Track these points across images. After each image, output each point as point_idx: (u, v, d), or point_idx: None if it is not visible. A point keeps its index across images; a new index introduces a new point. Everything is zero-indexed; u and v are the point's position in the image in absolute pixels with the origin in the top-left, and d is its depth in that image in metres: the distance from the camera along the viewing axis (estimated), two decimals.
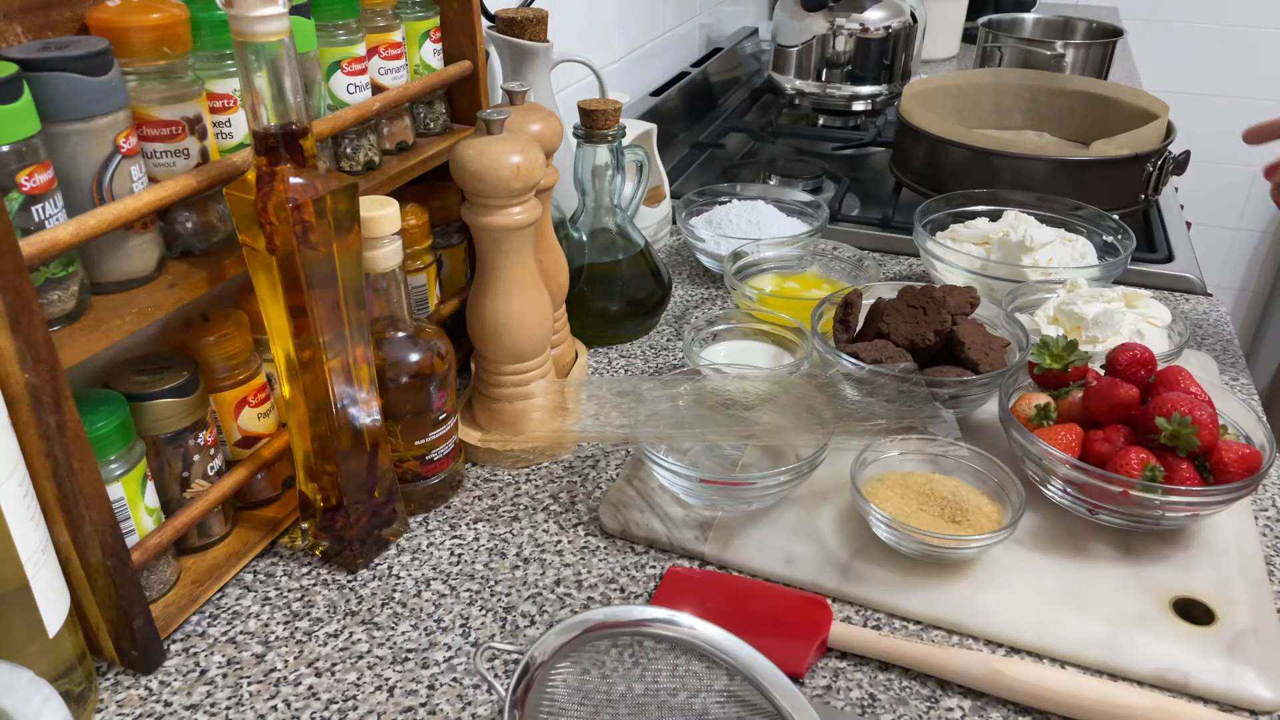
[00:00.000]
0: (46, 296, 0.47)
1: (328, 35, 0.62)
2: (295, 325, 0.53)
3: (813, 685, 0.53)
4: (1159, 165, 1.02)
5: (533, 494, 0.69)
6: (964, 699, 0.52)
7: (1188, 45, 2.26)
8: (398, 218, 0.59)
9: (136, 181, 0.50)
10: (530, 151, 0.62)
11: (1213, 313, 0.93)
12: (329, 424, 0.57)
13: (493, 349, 0.69)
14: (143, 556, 0.53)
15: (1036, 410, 0.64)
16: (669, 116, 1.35)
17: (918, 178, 1.12)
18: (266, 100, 0.48)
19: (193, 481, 0.58)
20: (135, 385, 0.54)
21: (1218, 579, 0.59)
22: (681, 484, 0.64)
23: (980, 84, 1.26)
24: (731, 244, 0.92)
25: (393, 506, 0.63)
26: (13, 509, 0.44)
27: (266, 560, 0.62)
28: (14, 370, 0.43)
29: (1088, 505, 0.61)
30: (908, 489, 0.63)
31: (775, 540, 0.62)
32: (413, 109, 0.72)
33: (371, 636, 0.57)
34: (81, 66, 0.45)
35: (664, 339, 0.89)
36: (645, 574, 0.61)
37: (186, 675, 0.54)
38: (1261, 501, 0.67)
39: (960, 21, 1.88)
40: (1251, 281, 2.47)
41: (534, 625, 0.58)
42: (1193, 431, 0.58)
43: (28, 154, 0.44)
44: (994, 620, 0.56)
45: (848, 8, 1.41)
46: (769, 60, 1.54)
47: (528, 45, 0.81)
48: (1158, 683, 0.53)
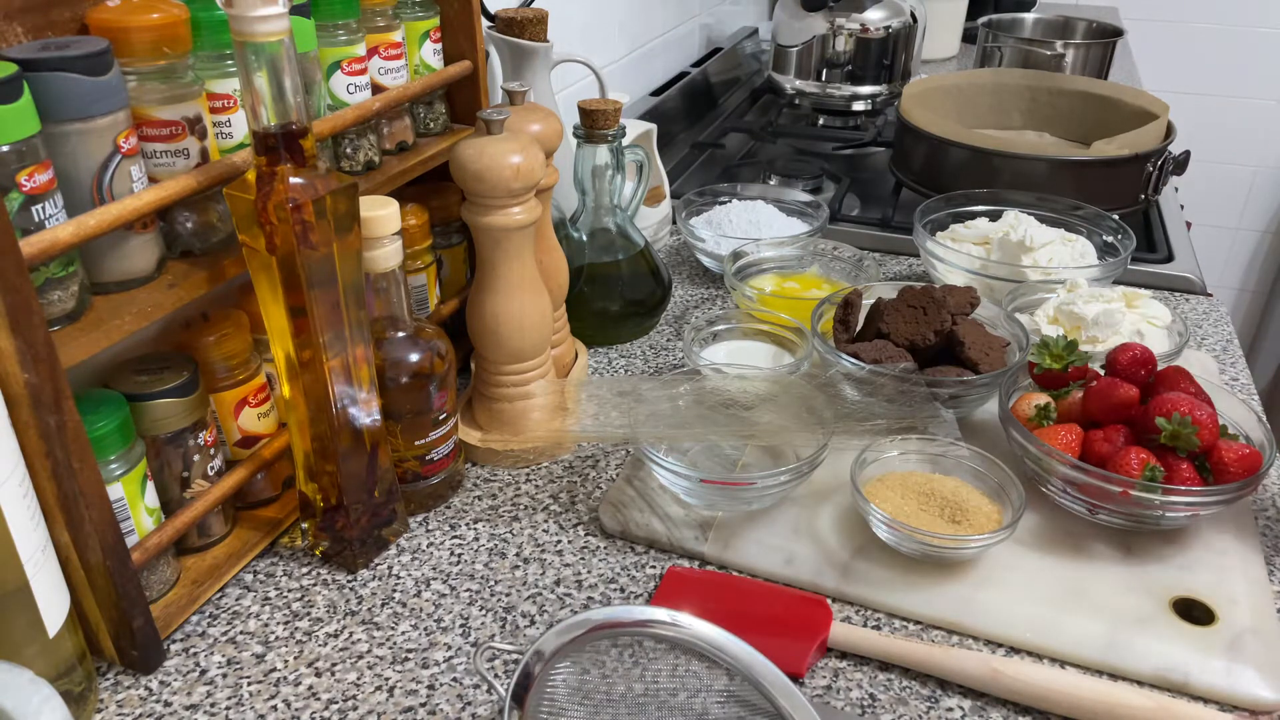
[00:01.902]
0: (46, 296, 0.47)
1: (328, 35, 0.62)
2: (295, 325, 0.53)
3: (813, 685, 0.53)
4: (1159, 165, 1.02)
5: (533, 494, 0.69)
6: (964, 699, 0.52)
7: (1188, 45, 2.26)
8: (398, 218, 0.59)
9: (136, 181, 0.50)
10: (530, 151, 0.62)
11: (1213, 313, 0.93)
12: (329, 424, 0.57)
13: (493, 349, 0.69)
14: (143, 556, 0.53)
15: (1036, 410, 0.65)
16: (669, 116, 1.35)
17: (918, 178, 1.12)
18: (266, 100, 0.48)
19: (193, 481, 0.58)
20: (135, 385, 0.54)
21: (1218, 579, 0.59)
22: (681, 484, 0.64)
23: (980, 84, 1.26)
24: (731, 244, 0.92)
25: (393, 506, 0.63)
26: (13, 509, 0.44)
27: (266, 560, 0.62)
28: (14, 370, 0.43)
29: (1088, 505, 0.61)
30: (908, 489, 0.63)
31: (775, 540, 0.62)
32: (413, 109, 0.72)
33: (371, 636, 0.57)
34: (81, 66, 0.45)
35: (664, 339, 0.89)
36: (645, 574, 0.61)
37: (186, 675, 0.54)
38: (1261, 501, 0.67)
39: (960, 21, 1.88)
40: (1251, 281, 2.47)
41: (534, 625, 0.58)
42: (1193, 431, 0.58)
43: (28, 154, 0.44)
44: (994, 620, 0.56)
45: (848, 8, 1.41)
46: (769, 60, 1.54)
47: (528, 45, 0.81)
48: (1158, 683, 0.53)
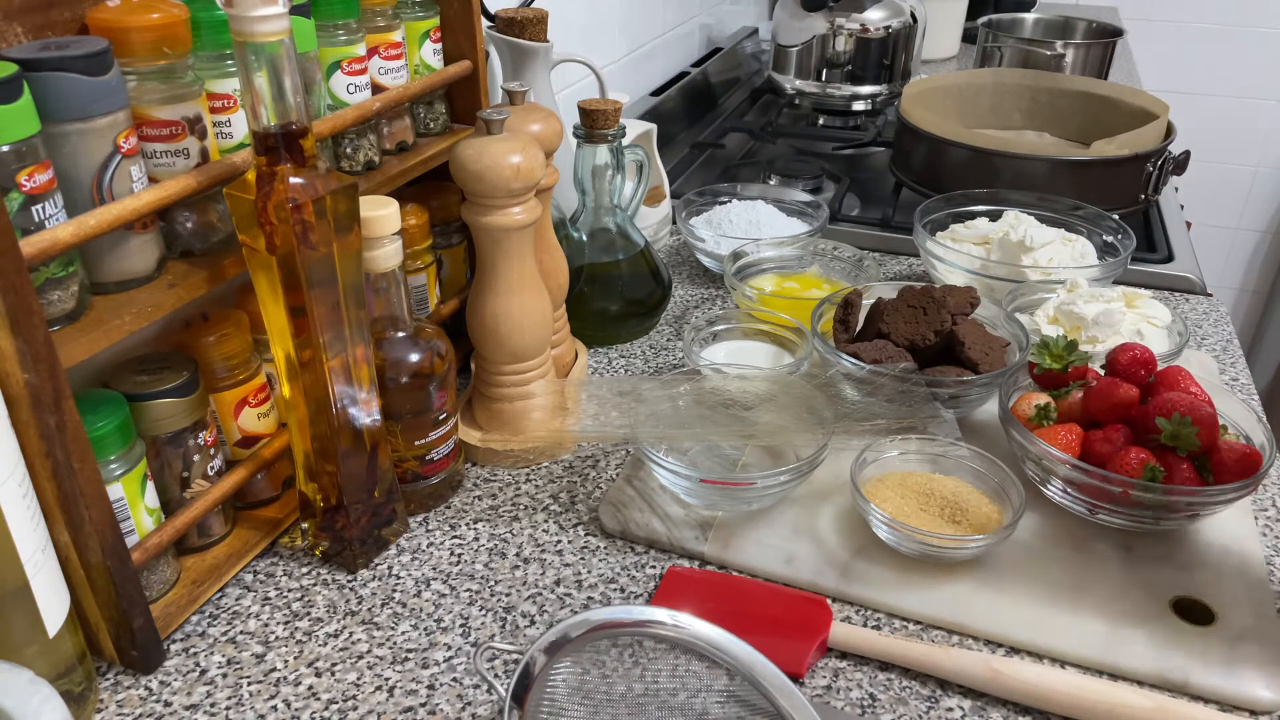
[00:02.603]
0: (46, 296, 0.47)
1: (328, 35, 0.62)
2: (295, 325, 0.53)
3: (813, 685, 0.53)
4: (1159, 165, 1.02)
5: (533, 494, 0.69)
6: (964, 699, 0.52)
7: (1188, 45, 2.26)
8: (398, 218, 0.59)
9: (136, 181, 0.50)
10: (530, 151, 0.62)
11: (1213, 313, 0.93)
12: (329, 424, 0.57)
13: (493, 349, 0.69)
14: (143, 556, 0.53)
15: (1036, 410, 0.65)
16: (669, 116, 1.35)
17: (918, 178, 1.12)
18: (266, 100, 0.48)
19: (193, 481, 0.58)
20: (135, 385, 0.54)
21: (1218, 579, 0.59)
22: (681, 484, 0.64)
23: (980, 84, 1.26)
24: (731, 244, 0.92)
25: (393, 506, 0.63)
26: (13, 509, 0.44)
27: (266, 560, 0.62)
28: (14, 370, 0.43)
29: (1088, 505, 0.61)
30: (908, 489, 0.63)
31: (775, 540, 0.62)
32: (413, 109, 0.72)
33: (371, 636, 0.57)
34: (81, 66, 0.45)
35: (664, 339, 0.89)
36: (645, 574, 0.61)
37: (186, 675, 0.54)
38: (1261, 501, 0.67)
39: (960, 21, 1.88)
40: (1251, 281, 2.47)
41: (534, 625, 0.58)
42: (1193, 432, 0.58)
43: (28, 154, 0.44)
44: (994, 620, 0.56)
45: (848, 8, 1.41)
46: (769, 60, 1.54)
47: (528, 45, 0.81)
48: (1158, 683, 0.53)
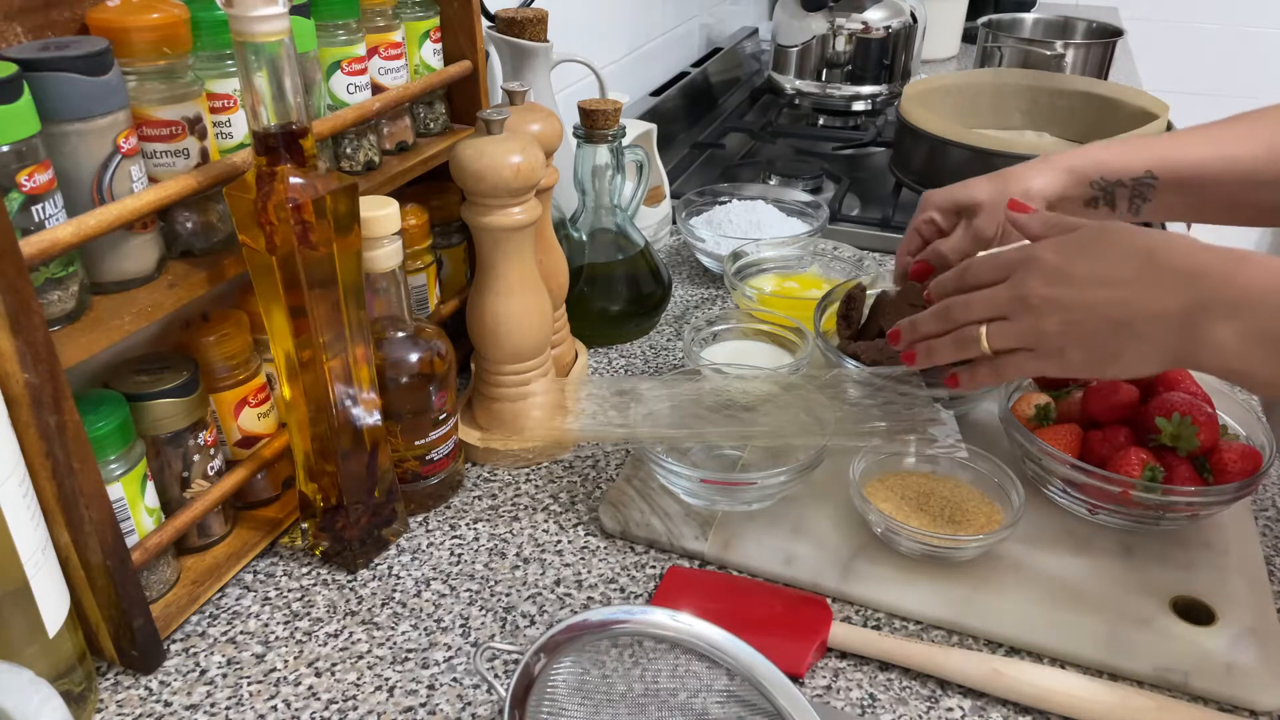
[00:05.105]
0: (46, 296, 0.47)
1: (328, 35, 0.62)
2: (295, 325, 0.53)
3: (813, 685, 0.53)
4: None
5: (533, 494, 0.69)
6: (964, 699, 0.52)
7: (1188, 45, 2.26)
8: (398, 218, 0.59)
9: (136, 181, 0.50)
10: (530, 151, 0.62)
11: None
12: (329, 424, 0.57)
13: (493, 349, 0.69)
14: (143, 556, 0.53)
15: (1036, 410, 0.65)
16: (669, 116, 1.35)
17: (918, 178, 1.12)
18: (266, 100, 0.48)
19: (193, 481, 0.58)
20: (135, 385, 0.54)
21: (1218, 579, 0.59)
22: (682, 484, 0.64)
23: (980, 84, 1.26)
24: (731, 244, 0.92)
25: (393, 506, 0.63)
26: (13, 509, 0.44)
27: (266, 560, 0.62)
28: (14, 370, 0.43)
29: (1088, 505, 0.61)
30: (907, 489, 0.63)
31: (775, 540, 0.62)
32: (413, 109, 0.72)
33: (371, 636, 0.57)
34: (81, 66, 0.45)
35: (664, 339, 0.89)
36: (645, 574, 0.61)
37: (186, 675, 0.54)
38: (1261, 501, 0.67)
39: (960, 21, 1.88)
40: None
41: (534, 625, 0.58)
42: (1193, 432, 0.58)
43: (28, 154, 0.44)
44: (994, 620, 0.56)
45: (848, 8, 1.41)
46: (769, 60, 1.54)
47: (528, 45, 0.81)
48: (1158, 683, 0.53)
